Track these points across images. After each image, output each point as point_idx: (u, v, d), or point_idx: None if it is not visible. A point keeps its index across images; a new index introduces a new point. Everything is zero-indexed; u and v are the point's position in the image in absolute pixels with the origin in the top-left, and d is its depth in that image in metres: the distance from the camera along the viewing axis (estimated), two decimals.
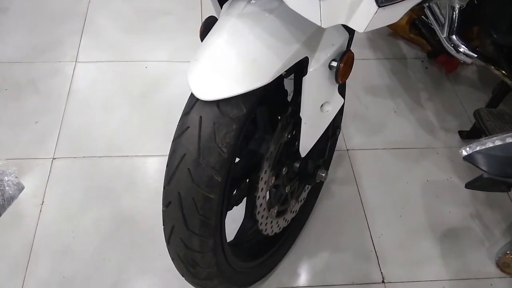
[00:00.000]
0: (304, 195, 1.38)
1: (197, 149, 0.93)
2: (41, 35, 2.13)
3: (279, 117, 1.12)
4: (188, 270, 1.04)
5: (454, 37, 1.56)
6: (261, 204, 1.14)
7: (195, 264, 1.02)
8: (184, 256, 1.02)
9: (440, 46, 1.74)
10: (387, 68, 2.09)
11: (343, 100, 1.12)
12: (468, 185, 1.15)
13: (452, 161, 1.77)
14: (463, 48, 1.58)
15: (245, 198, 1.17)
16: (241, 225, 1.26)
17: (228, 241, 1.13)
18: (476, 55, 1.58)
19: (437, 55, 2.12)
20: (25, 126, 1.77)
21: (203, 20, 1.10)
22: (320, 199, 1.58)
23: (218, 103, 0.92)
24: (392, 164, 1.75)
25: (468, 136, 1.84)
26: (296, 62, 0.97)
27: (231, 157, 0.94)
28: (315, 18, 0.79)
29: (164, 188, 0.98)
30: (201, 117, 0.93)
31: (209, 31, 1.07)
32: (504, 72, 1.62)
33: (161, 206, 1.00)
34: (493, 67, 1.65)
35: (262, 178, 1.10)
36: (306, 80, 1.01)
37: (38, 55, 2.03)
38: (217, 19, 1.06)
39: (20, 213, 1.51)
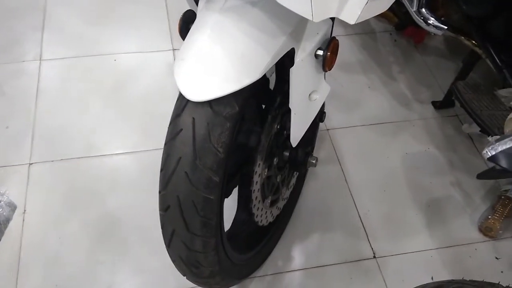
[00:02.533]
0: (293, 181, 1.39)
1: (192, 151, 0.91)
2: None
3: (268, 109, 1.11)
4: (191, 270, 1.04)
5: (423, 10, 1.58)
6: (256, 197, 1.14)
7: (198, 265, 1.02)
8: (186, 258, 1.01)
9: (408, 18, 1.76)
10: (358, 43, 2.10)
11: (329, 87, 1.12)
12: (481, 176, 1.18)
13: (428, 132, 1.81)
14: (432, 21, 1.60)
15: (235, 190, 1.17)
16: (235, 218, 1.26)
17: None
18: (446, 27, 1.61)
19: (404, 27, 2.14)
20: None
21: (181, 14, 1.07)
22: (305, 182, 1.60)
23: (210, 103, 0.91)
24: (371, 140, 1.78)
25: (441, 106, 1.88)
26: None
27: (227, 156, 0.94)
28: (306, 13, 0.78)
29: (160, 193, 0.97)
30: (194, 118, 0.91)
31: (188, 26, 1.04)
32: (474, 42, 1.65)
33: (158, 210, 0.99)
34: (462, 37, 1.68)
35: (256, 172, 1.09)
36: (294, 71, 1.00)
37: None
38: (196, 14, 1.04)
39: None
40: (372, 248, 1.49)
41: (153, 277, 1.40)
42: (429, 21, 1.61)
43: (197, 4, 1.05)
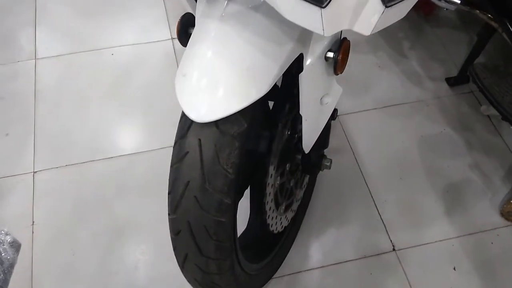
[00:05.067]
0: (306, 180, 1.34)
1: (201, 174, 0.86)
2: None
3: (278, 116, 1.04)
4: None
5: None
6: (270, 208, 1.09)
7: (214, 285, 0.99)
8: (202, 279, 0.98)
9: None
10: None
11: (341, 88, 1.05)
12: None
13: (443, 112, 1.74)
14: None
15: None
16: (248, 227, 1.21)
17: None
18: (459, 1, 1.52)
19: None
20: None
21: (179, 18, 0.99)
22: (318, 175, 1.54)
23: (216, 122, 0.84)
24: (384, 124, 1.71)
25: (455, 82, 1.80)
26: None
27: (238, 175, 0.88)
28: (317, 28, 0.71)
29: (169, 216, 0.92)
30: (200, 140, 0.85)
31: (187, 30, 0.97)
32: (490, 15, 1.56)
33: (169, 233, 0.94)
34: (478, 11, 1.58)
35: (268, 183, 1.04)
36: (303, 77, 0.94)
37: None
38: (194, 17, 0.96)
39: None
40: (391, 241, 1.45)
41: (169, 285, 1.37)
42: None
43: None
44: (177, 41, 1.94)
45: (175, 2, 2.06)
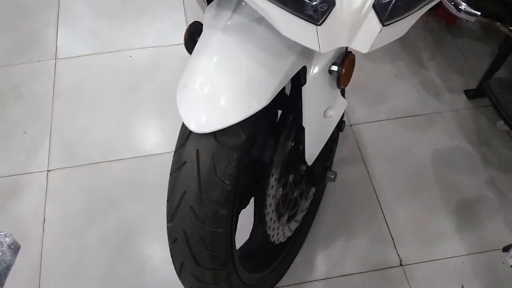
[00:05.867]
0: (312, 190, 1.33)
1: (197, 185, 0.86)
2: (14, 31, 2.00)
3: (281, 128, 1.04)
4: None
5: None
6: (271, 219, 1.09)
7: None
8: None
9: None
10: None
11: (346, 101, 1.04)
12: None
13: (460, 125, 1.70)
14: (464, 6, 1.49)
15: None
16: (250, 238, 1.20)
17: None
18: (479, 13, 1.48)
19: (436, 7, 1.99)
20: (13, 138, 1.69)
21: (187, 26, 1.01)
22: (328, 185, 1.53)
23: (215, 133, 0.85)
24: (398, 135, 1.68)
25: (474, 95, 1.76)
26: None
27: (235, 187, 0.88)
28: (313, 45, 0.70)
29: (167, 224, 0.93)
30: (198, 150, 0.86)
31: (194, 38, 0.98)
32: (511, 28, 1.52)
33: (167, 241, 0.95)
34: (498, 23, 1.54)
35: (269, 194, 1.04)
36: (306, 90, 0.93)
37: (15, 56, 1.92)
38: (202, 25, 0.97)
39: (22, 234, 1.47)
40: (398, 255, 1.43)
41: None
42: (460, 7, 1.49)
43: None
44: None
45: (194, 4, 2.08)
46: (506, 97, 1.23)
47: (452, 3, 1.49)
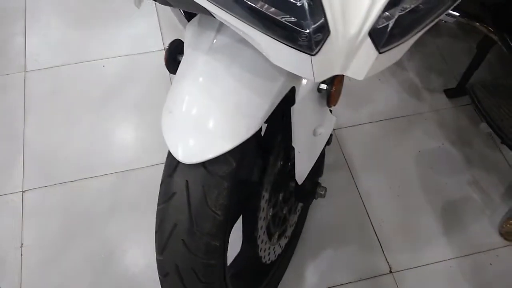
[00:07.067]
0: (300, 204, 1.30)
1: (188, 217, 0.82)
2: None
3: (269, 149, 1.01)
4: None
5: None
6: (262, 240, 1.06)
7: None
8: None
9: None
10: None
11: (335, 117, 1.01)
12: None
13: (442, 126, 1.70)
14: None
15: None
16: (239, 259, 1.15)
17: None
18: (458, 14, 1.47)
19: None
20: None
21: (168, 45, 0.96)
22: None
23: (204, 163, 0.81)
24: (381, 138, 1.67)
25: (454, 94, 1.76)
26: None
27: (227, 217, 0.85)
28: (307, 75, 0.67)
29: (157, 256, 0.89)
30: (187, 181, 0.82)
31: (175, 57, 0.94)
32: (490, 28, 1.52)
33: (157, 274, 0.91)
34: (477, 24, 1.54)
35: (260, 217, 1.01)
36: (295, 110, 0.90)
37: None
38: (183, 43, 0.93)
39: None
40: (388, 262, 1.42)
41: None
42: None
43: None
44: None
45: (168, 10, 2.01)
46: (490, 101, 1.23)
47: None
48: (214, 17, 0.73)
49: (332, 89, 0.90)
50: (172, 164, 0.84)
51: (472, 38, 1.84)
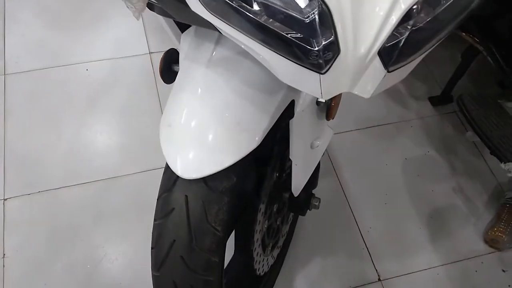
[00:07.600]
0: (291, 214, 1.30)
1: (188, 233, 0.81)
2: None
3: (266, 162, 1.00)
4: None
5: None
6: (257, 253, 1.05)
7: None
8: None
9: None
10: None
11: (332, 130, 1.01)
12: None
13: (427, 133, 1.72)
14: None
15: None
16: (231, 270, 1.15)
17: None
18: None
19: None
20: None
21: (163, 54, 0.94)
22: None
23: (204, 178, 0.79)
24: (368, 145, 1.68)
25: (438, 102, 1.79)
26: None
27: (227, 233, 0.84)
28: (315, 92, 0.66)
29: (153, 272, 0.87)
30: (186, 196, 0.80)
31: (170, 67, 0.93)
32: (475, 39, 1.54)
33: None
34: (463, 33, 1.56)
35: (256, 230, 1.00)
36: (294, 123, 0.89)
37: None
38: (178, 53, 0.91)
39: None
40: (376, 270, 1.43)
41: None
42: None
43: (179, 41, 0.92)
44: (155, 56, 1.88)
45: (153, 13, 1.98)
46: (479, 112, 1.25)
47: None
48: (213, 30, 0.71)
49: (331, 103, 0.90)
50: (170, 178, 0.82)
51: (455, 47, 1.86)
